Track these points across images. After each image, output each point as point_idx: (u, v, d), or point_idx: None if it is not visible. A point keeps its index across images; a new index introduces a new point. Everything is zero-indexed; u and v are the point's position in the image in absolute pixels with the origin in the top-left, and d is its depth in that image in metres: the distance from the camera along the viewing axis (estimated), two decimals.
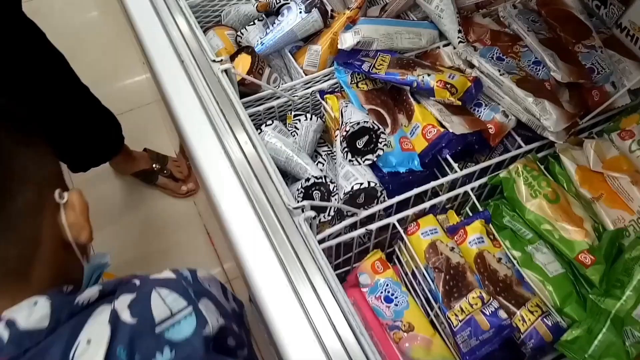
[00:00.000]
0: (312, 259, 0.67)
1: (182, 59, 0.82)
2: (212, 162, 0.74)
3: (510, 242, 0.85)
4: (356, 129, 0.83)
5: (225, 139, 0.75)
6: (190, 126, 0.76)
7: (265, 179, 0.73)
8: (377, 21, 0.99)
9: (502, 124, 0.92)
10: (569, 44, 0.97)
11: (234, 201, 0.70)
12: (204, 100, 0.78)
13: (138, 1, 0.88)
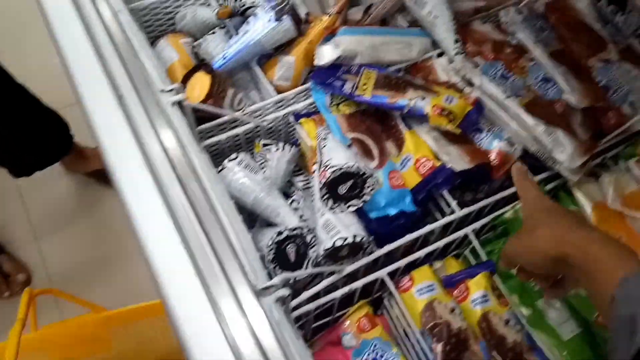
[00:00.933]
0: None
1: (121, 92, 0.66)
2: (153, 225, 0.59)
3: (519, 296, 0.73)
4: (338, 175, 0.69)
5: (171, 194, 0.60)
6: (126, 179, 0.61)
7: (224, 250, 0.58)
8: (360, 31, 0.84)
9: (507, 154, 0.79)
10: (581, 57, 0.84)
11: (183, 286, 0.55)
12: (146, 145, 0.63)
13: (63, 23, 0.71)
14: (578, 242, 0.51)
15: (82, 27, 0.71)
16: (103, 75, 0.67)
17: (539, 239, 0.55)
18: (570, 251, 0.52)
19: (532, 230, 0.56)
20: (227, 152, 0.81)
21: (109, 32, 0.72)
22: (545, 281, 0.59)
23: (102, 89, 0.66)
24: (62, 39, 0.71)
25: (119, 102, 0.65)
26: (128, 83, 0.67)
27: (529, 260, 0.57)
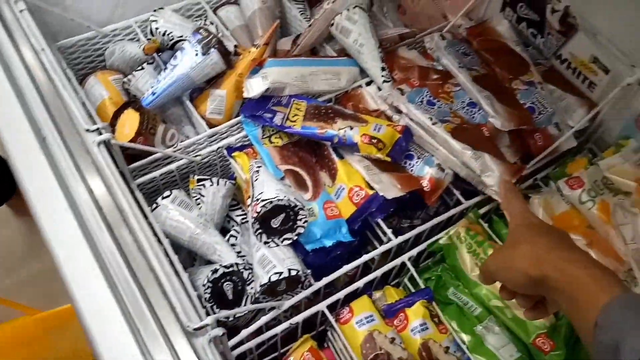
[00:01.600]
0: None
1: (44, 134, 0.64)
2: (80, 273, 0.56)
3: (458, 322, 0.73)
4: (269, 209, 0.68)
5: (99, 238, 0.58)
6: (51, 227, 0.58)
7: (154, 292, 0.56)
8: (288, 62, 0.85)
9: (438, 180, 0.80)
10: (505, 80, 0.87)
11: (111, 331, 0.53)
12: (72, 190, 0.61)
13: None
14: (557, 263, 0.49)
15: (1, 68, 0.68)
16: (24, 117, 0.64)
17: (519, 256, 0.52)
18: (549, 272, 0.49)
19: (514, 246, 0.54)
20: (163, 189, 0.79)
21: (30, 72, 0.70)
22: (527, 301, 0.55)
23: (24, 132, 0.63)
24: None
25: (41, 145, 0.62)
26: (51, 124, 0.65)
27: (509, 277, 0.54)
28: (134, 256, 0.59)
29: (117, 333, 0.53)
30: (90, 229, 0.59)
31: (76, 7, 0.87)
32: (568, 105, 0.87)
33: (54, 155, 0.63)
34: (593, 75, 0.85)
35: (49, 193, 0.61)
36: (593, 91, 0.86)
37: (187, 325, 0.55)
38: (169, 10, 0.92)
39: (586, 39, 0.82)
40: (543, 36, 0.88)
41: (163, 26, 0.89)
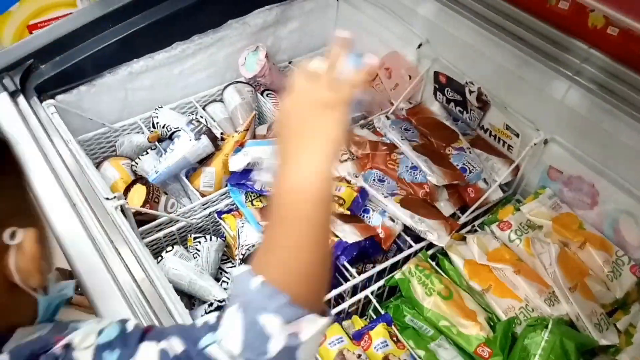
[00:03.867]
0: None
1: (74, 202, 0.81)
2: (106, 300, 0.72)
3: (414, 341, 0.88)
4: (252, 251, 0.85)
5: (121, 278, 0.74)
6: (86, 271, 0.75)
7: (165, 315, 0.72)
8: (264, 142, 1.05)
9: (391, 228, 0.98)
10: (440, 147, 1.08)
11: None
12: (97, 241, 0.78)
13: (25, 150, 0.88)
14: (296, 127, 0.48)
15: (41, 155, 0.87)
16: (60, 190, 0.82)
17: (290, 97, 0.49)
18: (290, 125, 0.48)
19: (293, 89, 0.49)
20: (166, 248, 0.95)
21: (62, 157, 0.89)
22: None
23: (59, 201, 0.81)
24: (34, 181, 0.85)
25: (73, 209, 0.80)
26: (80, 194, 0.83)
27: None
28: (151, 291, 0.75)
29: None
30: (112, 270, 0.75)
31: (93, 109, 1.08)
32: (493, 165, 1.08)
33: (84, 218, 0.80)
34: (508, 139, 1.06)
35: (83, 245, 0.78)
36: (512, 152, 1.07)
37: None
38: (167, 108, 1.13)
39: (498, 111, 1.04)
40: (467, 112, 1.11)
41: (162, 120, 1.10)
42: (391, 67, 1.21)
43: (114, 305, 0.71)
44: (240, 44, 1.20)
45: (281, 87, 1.26)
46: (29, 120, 0.93)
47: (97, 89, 1.07)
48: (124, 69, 1.08)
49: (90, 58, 1.05)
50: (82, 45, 1.05)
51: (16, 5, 1.23)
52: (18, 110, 0.94)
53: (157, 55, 1.11)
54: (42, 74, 1.01)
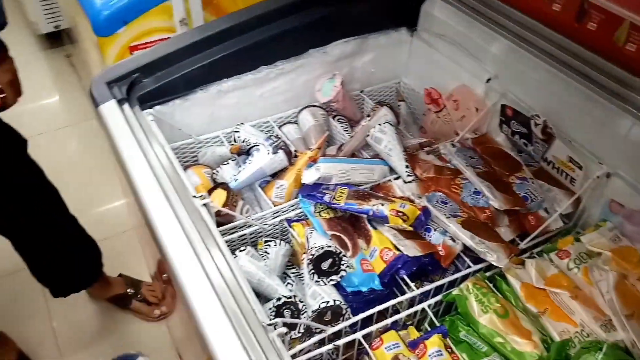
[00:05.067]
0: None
1: (168, 196, 0.92)
2: (195, 284, 0.80)
3: (468, 355, 0.91)
4: (320, 253, 0.92)
5: (206, 264, 0.83)
6: (175, 254, 0.84)
7: (241, 298, 0.79)
8: (335, 160, 1.13)
9: (451, 247, 1.02)
10: (503, 176, 1.12)
11: (215, 319, 0.76)
12: (187, 230, 0.87)
13: (130, 149, 1.00)
14: None
15: (142, 154, 0.99)
16: (158, 186, 0.93)
17: None
18: None
19: None
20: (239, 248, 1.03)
21: (159, 159, 1.00)
22: None
23: (156, 195, 0.92)
24: (132, 168, 0.98)
25: (168, 202, 0.90)
26: (173, 191, 0.93)
27: None
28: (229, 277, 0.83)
29: (225, 333, 0.76)
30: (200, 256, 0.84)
31: (182, 121, 1.20)
32: (555, 196, 1.11)
33: (176, 211, 0.90)
34: (571, 171, 1.09)
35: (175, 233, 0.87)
36: (574, 185, 1.10)
37: (263, 321, 0.77)
38: (247, 125, 1.24)
39: (562, 144, 1.08)
40: (532, 144, 1.15)
41: (243, 135, 1.20)
42: (459, 100, 1.27)
43: (201, 288, 0.80)
44: (318, 72, 1.30)
45: (352, 114, 1.35)
46: (132, 125, 1.05)
47: (189, 103, 1.19)
48: (214, 87, 1.20)
49: (186, 76, 1.17)
50: (180, 64, 1.17)
51: (123, 28, 1.40)
52: (123, 116, 1.07)
53: (244, 77, 1.22)
54: (145, 87, 1.14)
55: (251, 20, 1.23)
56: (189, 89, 1.19)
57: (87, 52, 2.10)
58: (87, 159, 2.47)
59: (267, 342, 0.76)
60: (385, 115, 1.23)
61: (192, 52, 1.19)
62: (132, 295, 1.86)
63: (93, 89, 1.11)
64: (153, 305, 1.87)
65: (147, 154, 1.00)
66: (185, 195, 0.94)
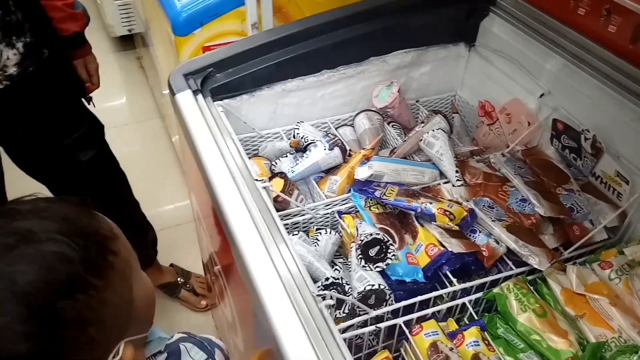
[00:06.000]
0: (333, 338, 0.78)
1: (235, 178, 1.01)
2: (254, 254, 0.88)
3: (504, 349, 0.95)
4: (369, 239, 0.98)
5: (265, 237, 0.91)
6: (239, 228, 0.92)
7: (295, 270, 0.86)
8: (387, 159, 1.19)
9: (495, 249, 1.06)
10: (550, 187, 1.15)
11: (271, 285, 0.84)
12: (249, 208, 0.95)
13: (202, 134, 1.10)
14: None
15: (214, 141, 1.08)
16: (227, 170, 1.02)
17: None
18: None
19: None
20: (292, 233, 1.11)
21: (228, 146, 1.09)
22: None
23: (225, 177, 1.01)
24: (203, 151, 1.07)
25: (234, 182, 0.99)
26: (239, 174, 1.02)
27: None
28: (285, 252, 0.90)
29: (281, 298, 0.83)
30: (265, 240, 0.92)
31: (247, 115, 1.29)
32: (601, 209, 1.13)
33: (241, 191, 0.99)
34: (618, 186, 1.11)
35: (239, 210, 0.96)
36: (621, 199, 1.12)
37: (313, 292, 0.84)
38: (306, 124, 1.32)
39: (610, 159, 1.11)
40: (581, 159, 1.18)
41: (302, 133, 1.28)
42: (512, 113, 1.32)
43: (259, 257, 0.88)
44: (377, 79, 1.38)
45: (406, 121, 1.41)
46: (204, 114, 1.15)
47: (255, 99, 1.28)
48: (279, 86, 1.29)
49: (254, 73, 1.27)
50: (250, 63, 1.27)
51: (199, 29, 1.51)
52: (197, 105, 1.17)
53: (307, 78, 1.31)
54: (217, 81, 1.24)
55: (317, 27, 1.32)
56: (256, 86, 1.28)
57: (158, 55, 2.26)
58: (149, 155, 2.63)
59: (316, 311, 0.82)
60: (439, 122, 1.29)
61: (262, 53, 1.28)
62: (181, 284, 1.97)
63: (172, 80, 1.21)
64: (200, 296, 1.97)
65: (217, 140, 1.09)
66: (250, 179, 1.02)
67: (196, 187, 1.27)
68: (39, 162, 1.49)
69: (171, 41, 1.61)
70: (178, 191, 2.44)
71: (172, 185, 2.47)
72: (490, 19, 1.42)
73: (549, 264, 1.02)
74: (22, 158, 1.48)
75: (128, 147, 2.63)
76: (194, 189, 1.40)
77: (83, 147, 1.49)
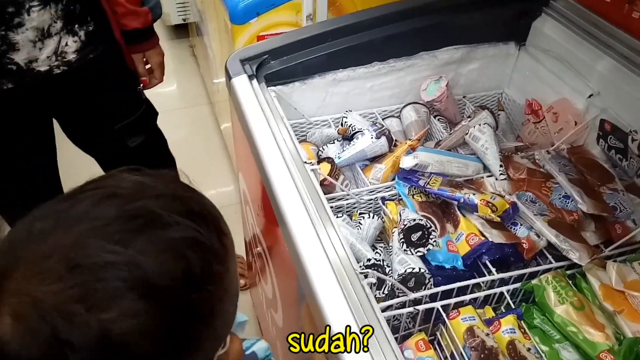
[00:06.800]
0: (374, 313, 0.82)
1: (285, 159, 1.06)
2: (302, 230, 0.93)
3: (540, 338, 0.97)
4: (412, 224, 1.01)
5: (312, 216, 0.95)
6: (288, 206, 0.97)
7: (340, 248, 0.91)
8: (432, 150, 1.22)
9: (535, 242, 1.08)
10: (594, 185, 1.16)
11: (317, 260, 0.88)
12: (298, 188, 1.00)
13: (255, 117, 1.15)
14: None
15: (267, 124, 1.14)
16: (278, 151, 1.07)
17: None
18: None
19: None
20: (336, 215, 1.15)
21: (280, 129, 1.14)
22: None
23: (298, 160, 1.06)
24: (256, 132, 1.13)
25: (286, 165, 1.04)
26: (290, 157, 1.07)
27: None
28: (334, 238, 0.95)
29: (326, 273, 0.88)
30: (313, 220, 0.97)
31: (298, 102, 1.34)
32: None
33: (292, 173, 1.04)
34: None
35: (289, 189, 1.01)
36: None
37: (357, 269, 0.88)
38: (354, 113, 1.36)
39: None
40: (627, 159, 1.18)
41: (350, 121, 1.33)
42: (559, 113, 1.33)
43: (306, 233, 0.92)
44: (425, 73, 1.41)
45: (453, 115, 1.44)
46: (258, 98, 1.20)
47: (306, 87, 1.33)
48: (330, 75, 1.34)
49: (307, 62, 1.32)
50: (303, 52, 1.32)
51: (255, 19, 1.57)
52: (252, 90, 1.22)
53: (357, 69, 1.35)
54: (271, 67, 1.29)
55: (370, 20, 1.36)
56: (307, 74, 1.33)
57: (212, 44, 2.33)
58: (196, 139, 2.72)
59: (359, 287, 0.86)
60: (485, 117, 1.31)
61: (315, 43, 1.33)
62: None
63: (229, 64, 1.27)
64: (239, 276, 2.05)
65: (270, 123, 1.14)
66: (299, 161, 1.07)
67: (247, 167, 1.33)
68: (90, 141, 1.57)
69: (227, 30, 1.67)
70: (222, 175, 2.53)
71: (218, 169, 2.56)
72: (542, 19, 1.43)
73: (589, 259, 1.03)
74: (75, 135, 1.56)
75: (177, 131, 2.73)
76: (244, 170, 1.45)
77: (132, 134, 1.56)
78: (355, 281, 0.88)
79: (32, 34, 1.19)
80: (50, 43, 1.24)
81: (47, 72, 1.26)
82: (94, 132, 1.53)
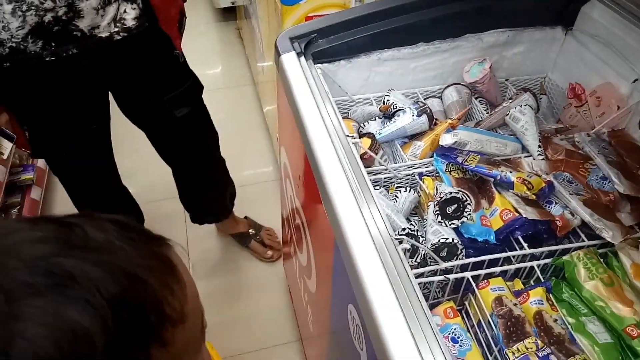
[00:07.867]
0: (407, 277, 0.88)
1: (330, 133, 1.12)
2: (343, 200, 0.99)
3: (567, 311, 1.00)
4: (448, 197, 1.05)
5: (352, 184, 1.01)
6: (331, 175, 1.03)
7: (376, 214, 0.96)
8: (472, 129, 1.25)
9: (569, 220, 1.10)
10: (633, 168, 1.17)
11: (355, 224, 0.94)
12: (341, 160, 1.06)
13: (302, 92, 1.22)
14: None
15: (313, 100, 1.20)
16: (324, 128, 1.14)
17: None
18: None
19: None
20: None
21: (325, 106, 1.20)
22: None
23: (323, 135, 1.12)
24: (303, 106, 1.19)
25: (329, 136, 1.10)
26: (335, 131, 1.12)
27: None
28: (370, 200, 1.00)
29: (363, 237, 0.93)
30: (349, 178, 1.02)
31: (342, 80, 1.39)
32: None
33: (335, 145, 1.09)
34: None
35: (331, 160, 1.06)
36: None
37: (392, 234, 0.93)
38: (397, 92, 1.40)
39: None
40: None
41: (392, 100, 1.37)
42: (602, 97, 1.33)
43: (346, 199, 0.98)
44: (470, 55, 1.43)
45: (494, 98, 1.46)
46: (305, 75, 1.26)
47: (351, 66, 1.38)
48: (375, 55, 1.38)
49: (353, 42, 1.36)
50: (351, 31, 1.37)
51: (305, 0, 1.63)
52: (300, 66, 1.28)
53: (402, 50, 1.39)
54: (319, 46, 1.35)
55: (417, 2, 1.39)
56: (353, 53, 1.38)
57: (260, 26, 2.41)
58: (239, 118, 2.82)
59: (394, 252, 0.92)
60: (527, 99, 1.33)
61: (363, 23, 1.37)
62: (252, 235, 2.18)
63: (278, 42, 1.34)
64: (268, 247, 2.15)
65: (315, 98, 1.20)
66: (342, 136, 1.13)
67: (290, 141, 1.40)
68: (139, 112, 1.67)
69: (277, 10, 1.73)
70: (261, 154, 2.62)
71: (258, 146, 2.66)
72: (591, 4, 1.43)
73: (622, 238, 1.05)
74: (127, 106, 1.66)
75: (220, 110, 2.82)
76: (287, 144, 1.52)
77: (180, 105, 1.63)
78: (391, 247, 0.93)
79: (95, 1, 1.27)
80: (110, 10, 1.32)
81: (107, 38, 1.34)
82: (145, 103, 1.62)
